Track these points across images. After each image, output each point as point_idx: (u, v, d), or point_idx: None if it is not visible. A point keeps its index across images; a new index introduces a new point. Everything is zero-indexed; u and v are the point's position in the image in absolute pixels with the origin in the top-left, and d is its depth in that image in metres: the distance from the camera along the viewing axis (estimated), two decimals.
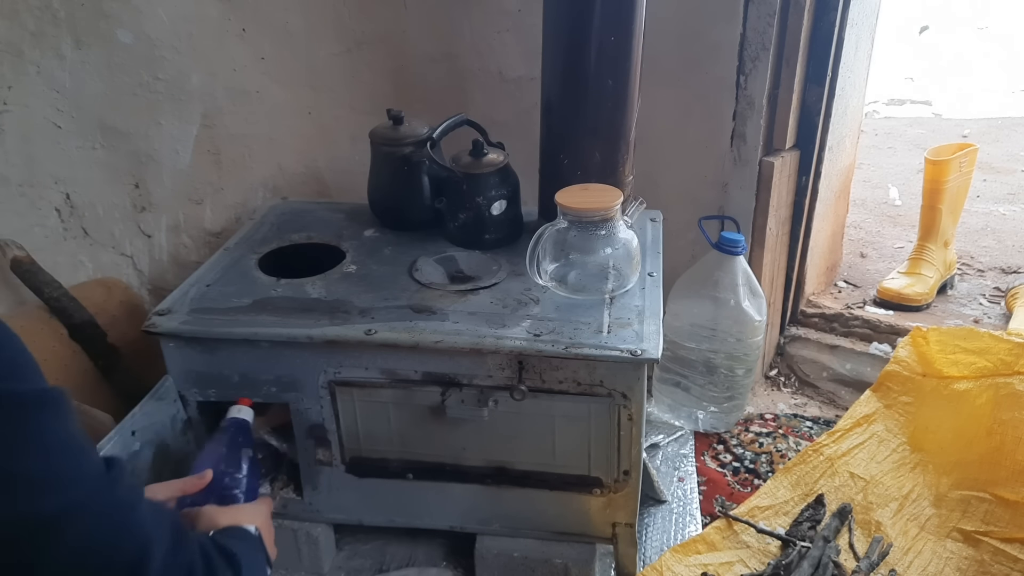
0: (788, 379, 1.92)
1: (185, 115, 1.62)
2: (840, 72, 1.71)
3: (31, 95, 1.50)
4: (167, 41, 1.55)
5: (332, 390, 1.20)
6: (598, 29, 1.28)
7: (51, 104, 1.53)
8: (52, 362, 1.46)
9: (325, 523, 1.35)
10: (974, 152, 1.99)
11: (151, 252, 1.73)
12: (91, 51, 1.52)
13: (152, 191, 1.67)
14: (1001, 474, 1.40)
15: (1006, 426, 1.42)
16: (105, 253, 1.69)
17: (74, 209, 1.63)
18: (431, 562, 1.37)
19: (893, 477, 1.49)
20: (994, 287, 2.13)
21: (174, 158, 1.65)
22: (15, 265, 1.51)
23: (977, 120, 3.92)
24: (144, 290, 1.76)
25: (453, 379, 1.17)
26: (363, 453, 1.26)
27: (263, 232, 1.47)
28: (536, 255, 1.23)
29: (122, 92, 1.57)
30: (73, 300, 1.52)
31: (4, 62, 1.47)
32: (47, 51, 1.49)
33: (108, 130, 1.59)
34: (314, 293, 1.26)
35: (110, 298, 1.62)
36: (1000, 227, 2.58)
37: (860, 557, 1.33)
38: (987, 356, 1.51)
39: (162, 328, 1.18)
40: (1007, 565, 1.29)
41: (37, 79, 1.50)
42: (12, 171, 1.53)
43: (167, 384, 1.21)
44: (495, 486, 1.25)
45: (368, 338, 1.14)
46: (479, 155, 1.37)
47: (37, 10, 1.46)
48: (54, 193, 1.59)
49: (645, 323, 1.17)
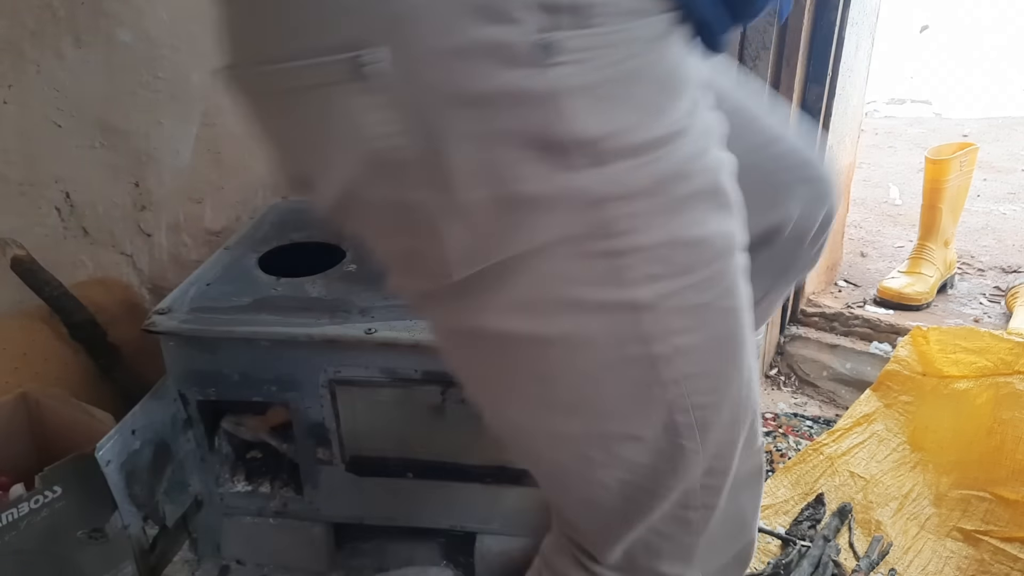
0: (788, 378, 1.92)
1: (185, 114, 1.62)
2: (840, 71, 1.70)
3: (31, 94, 1.50)
4: (167, 40, 1.55)
5: (332, 389, 1.20)
6: None
7: (51, 103, 1.53)
8: (52, 361, 1.46)
9: (325, 522, 1.35)
10: (974, 151, 1.99)
11: (151, 251, 1.73)
12: (91, 50, 1.52)
13: (152, 190, 1.67)
14: (1001, 473, 1.40)
15: (1006, 425, 1.42)
16: (105, 252, 1.69)
17: (74, 208, 1.63)
18: (431, 561, 1.37)
19: (893, 476, 1.49)
20: (994, 286, 2.13)
21: (174, 157, 1.65)
22: (15, 264, 1.51)
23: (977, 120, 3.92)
24: (144, 289, 1.76)
25: (453, 378, 1.17)
26: (363, 452, 1.26)
27: (263, 231, 1.47)
28: None
29: (122, 91, 1.57)
30: (73, 299, 1.52)
31: (4, 61, 1.47)
32: (47, 50, 1.49)
33: (108, 129, 1.59)
34: (314, 292, 1.26)
35: (110, 297, 1.62)
36: (1000, 226, 2.58)
37: (860, 556, 1.33)
38: (987, 355, 1.51)
39: (162, 327, 1.18)
40: (1007, 564, 1.29)
41: (37, 78, 1.50)
42: (12, 170, 1.53)
43: (167, 383, 1.21)
44: (495, 485, 1.25)
45: (368, 337, 1.14)
46: None
47: (37, 9, 1.46)
48: (54, 192, 1.59)
49: None
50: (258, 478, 1.34)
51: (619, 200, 0.53)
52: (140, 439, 1.15)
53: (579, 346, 0.58)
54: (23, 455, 1.34)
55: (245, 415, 1.32)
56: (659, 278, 0.56)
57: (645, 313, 0.56)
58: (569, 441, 0.63)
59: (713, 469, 0.65)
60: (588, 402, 0.60)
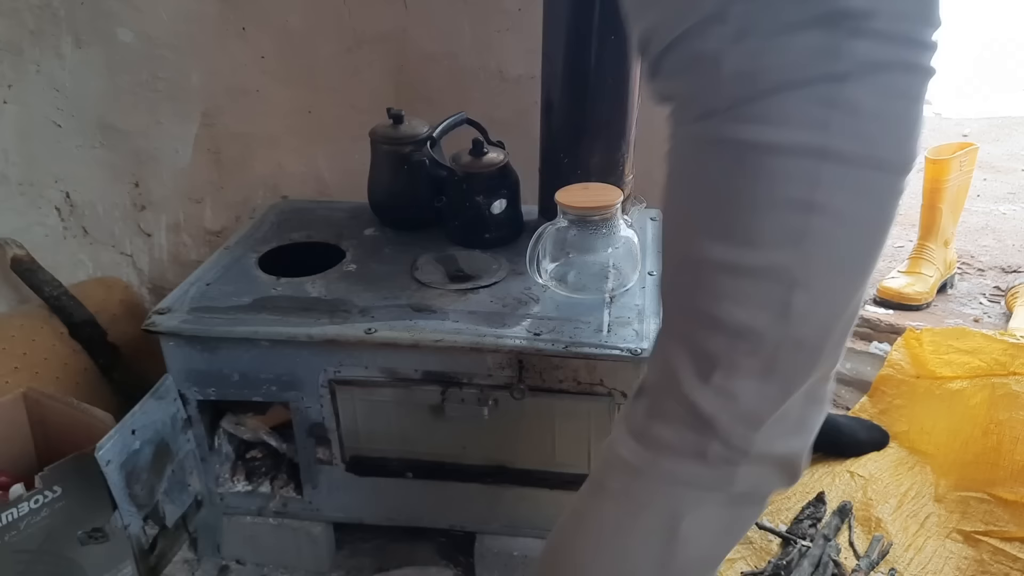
0: None
1: (185, 114, 1.62)
2: None
3: (31, 94, 1.51)
4: (167, 40, 1.55)
5: (332, 389, 1.20)
6: (598, 28, 1.28)
7: (51, 103, 1.53)
8: (52, 361, 1.46)
9: (325, 522, 1.35)
10: (974, 151, 1.99)
11: (151, 251, 1.74)
12: (91, 50, 1.52)
13: (152, 190, 1.67)
14: (999, 474, 1.40)
15: (1003, 426, 1.42)
16: (105, 252, 1.69)
17: (74, 208, 1.63)
18: (431, 561, 1.37)
19: (892, 475, 1.50)
20: (994, 286, 2.13)
21: (174, 157, 1.65)
22: (15, 264, 1.51)
23: (977, 120, 3.92)
24: (144, 289, 1.76)
25: (453, 378, 1.17)
26: (363, 452, 1.26)
27: (263, 231, 1.47)
28: (536, 254, 1.23)
29: (122, 91, 1.57)
30: (73, 299, 1.52)
31: (4, 61, 1.47)
32: (47, 50, 1.49)
33: (108, 129, 1.59)
34: (314, 292, 1.26)
35: (110, 297, 1.62)
36: (1000, 226, 2.58)
37: (860, 556, 1.33)
38: (980, 356, 1.52)
39: (162, 327, 1.18)
40: (1007, 564, 1.29)
41: (37, 78, 1.50)
42: (12, 170, 1.53)
43: (167, 383, 1.21)
44: (495, 485, 1.25)
45: (368, 337, 1.14)
46: (479, 154, 1.37)
47: (37, 9, 1.46)
48: (54, 192, 1.59)
49: (645, 322, 1.17)
50: (258, 478, 1.34)
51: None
52: (140, 439, 1.15)
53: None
54: (23, 455, 1.34)
55: (245, 415, 1.32)
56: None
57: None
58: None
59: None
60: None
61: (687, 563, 0.76)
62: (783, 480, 0.77)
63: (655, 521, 0.75)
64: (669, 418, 0.73)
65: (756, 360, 0.69)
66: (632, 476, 0.75)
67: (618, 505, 0.76)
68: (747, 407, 0.71)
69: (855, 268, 0.70)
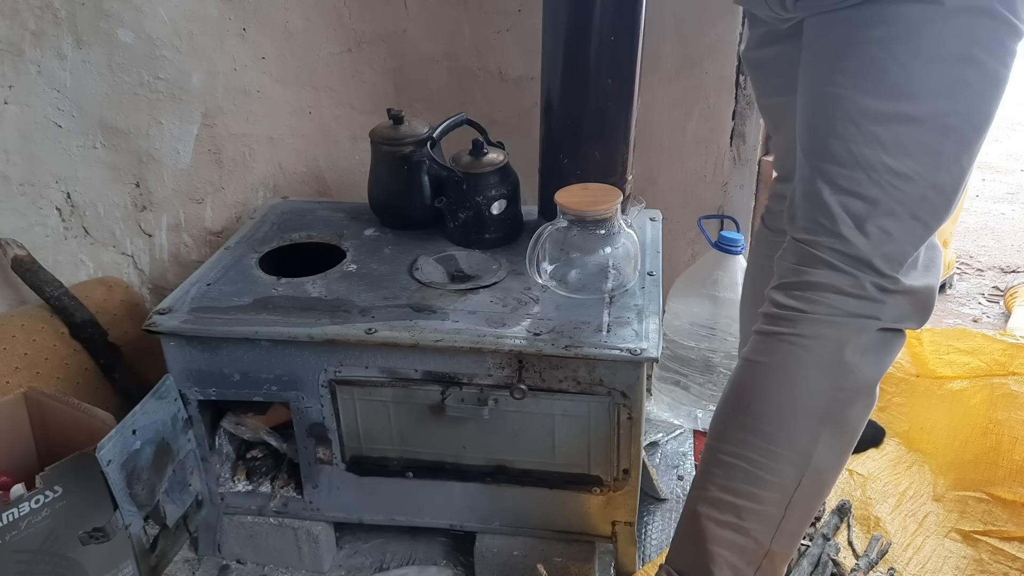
0: None
1: (186, 114, 1.62)
2: None
3: (32, 94, 1.51)
4: (168, 40, 1.55)
5: (332, 389, 1.20)
6: (598, 29, 1.29)
7: (52, 103, 1.53)
8: (53, 361, 1.46)
9: (325, 521, 1.35)
10: None
11: (152, 251, 1.74)
12: (92, 50, 1.52)
13: (153, 190, 1.67)
14: (998, 474, 1.40)
15: (1002, 426, 1.42)
16: (106, 252, 1.70)
17: (75, 208, 1.63)
18: (431, 560, 1.38)
19: (891, 474, 1.50)
20: (993, 286, 2.13)
21: (175, 157, 1.66)
22: (16, 264, 1.51)
23: None
24: (145, 289, 1.77)
25: (453, 378, 1.17)
26: (363, 452, 1.26)
27: (263, 231, 1.48)
28: (536, 254, 1.24)
29: (123, 91, 1.57)
30: (74, 299, 1.53)
31: (5, 61, 1.47)
32: (48, 50, 1.49)
33: (109, 129, 1.59)
34: (314, 292, 1.26)
35: (111, 297, 1.62)
36: (999, 226, 2.58)
37: (859, 555, 1.34)
38: (980, 356, 1.52)
39: (163, 327, 1.18)
40: (1006, 564, 1.29)
41: (38, 78, 1.50)
42: (13, 170, 1.53)
43: (168, 383, 1.21)
44: (495, 484, 1.26)
45: (368, 337, 1.14)
46: (479, 154, 1.37)
47: (38, 9, 1.46)
48: (55, 192, 1.59)
49: (645, 322, 1.17)
50: (258, 478, 1.34)
51: None
52: (141, 439, 1.15)
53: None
54: (24, 455, 1.34)
55: (245, 415, 1.33)
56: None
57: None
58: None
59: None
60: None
61: (855, 386, 0.91)
62: (919, 314, 0.94)
63: (825, 349, 0.89)
64: (825, 263, 0.88)
65: (906, 204, 0.84)
66: (797, 319, 0.90)
67: (790, 344, 0.90)
68: (896, 247, 0.87)
69: (988, 121, 0.86)
